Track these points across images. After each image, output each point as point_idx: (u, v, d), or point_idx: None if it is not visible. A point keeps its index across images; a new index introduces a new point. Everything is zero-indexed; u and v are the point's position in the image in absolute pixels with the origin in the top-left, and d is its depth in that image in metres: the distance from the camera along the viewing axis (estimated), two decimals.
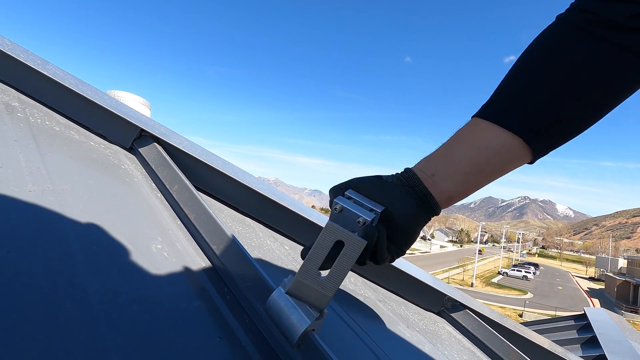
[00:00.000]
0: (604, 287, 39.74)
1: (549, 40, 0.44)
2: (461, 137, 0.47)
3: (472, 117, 0.48)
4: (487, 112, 0.46)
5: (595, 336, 2.01)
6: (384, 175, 0.49)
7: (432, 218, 0.49)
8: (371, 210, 0.44)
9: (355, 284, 0.86)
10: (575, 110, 0.42)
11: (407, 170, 0.49)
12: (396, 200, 0.46)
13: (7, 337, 0.29)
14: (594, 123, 0.45)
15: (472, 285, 33.29)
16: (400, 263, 1.08)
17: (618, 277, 34.52)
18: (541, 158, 0.48)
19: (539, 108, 0.42)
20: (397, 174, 0.49)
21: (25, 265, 0.36)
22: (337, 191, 0.48)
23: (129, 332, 0.36)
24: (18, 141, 0.55)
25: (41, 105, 0.71)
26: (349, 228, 0.42)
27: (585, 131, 0.45)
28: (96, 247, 0.44)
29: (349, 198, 0.45)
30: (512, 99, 0.44)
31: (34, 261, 0.37)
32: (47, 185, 0.50)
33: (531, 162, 0.47)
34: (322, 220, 0.94)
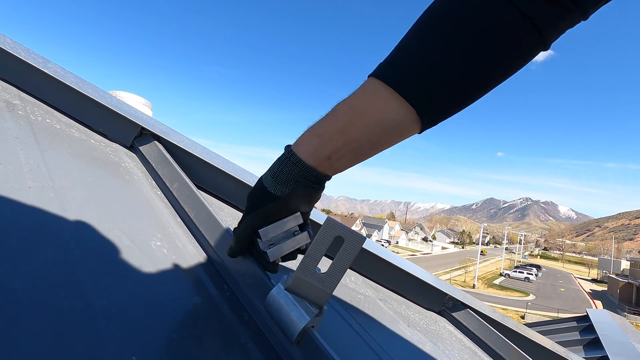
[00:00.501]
0: (606, 288, 39.54)
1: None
2: (359, 109, 0.43)
3: (369, 77, 0.43)
4: (387, 74, 0.41)
5: (598, 337, 1.99)
6: (273, 185, 0.45)
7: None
8: (297, 229, 0.47)
9: (355, 283, 0.86)
10: (473, 79, 0.40)
11: (295, 162, 0.44)
12: (299, 204, 0.46)
13: (6, 331, 0.29)
14: (482, 96, 0.43)
15: (473, 286, 33.18)
16: (401, 262, 1.08)
17: (621, 279, 34.34)
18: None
19: (439, 77, 0.40)
20: (283, 169, 0.44)
21: (24, 260, 0.36)
22: (245, 245, 0.47)
23: (127, 328, 0.36)
24: (18, 138, 0.55)
25: (42, 103, 0.71)
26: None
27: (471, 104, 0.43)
28: (95, 243, 0.44)
29: (270, 240, 0.46)
30: (414, 64, 0.40)
31: (33, 257, 0.37)
32: (47, 182, 0.50)
33: (420, 132, 0.45)
34: (321, 218, 0.94)
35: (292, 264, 0.73)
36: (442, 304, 1.03)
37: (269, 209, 0.45)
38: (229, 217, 0.74)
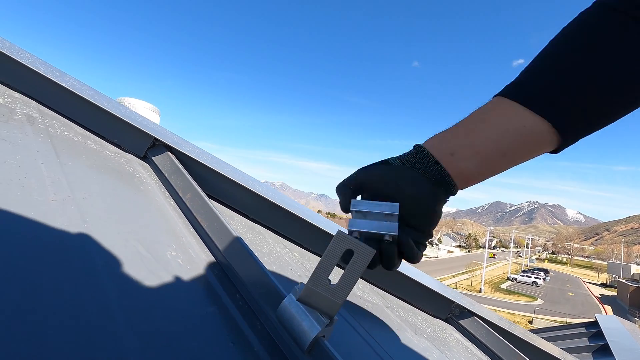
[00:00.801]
0: (616, 293, 38.91)
1: (586, 23, 0.42)
2: (484, 117, 0.44)
3: (494, 97, 0.44)
4: (514, 93, 0.43)
5: (607, 344, 1.97)
6: (392, 159, 0.46)
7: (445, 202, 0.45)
8: (387, 215, 0.43)
9: (363, 291, 0.87)
10: (610, 97, 0.40)
11: (418, 148, 0.45)
12: (410, 185, 0.43)
13: (33, 337, 0.30)
14: (628, 112, 0.42)
15: (480, 291, 32.85)
16: (407, 269, 1.09)
17: (631, 284, 33.76)
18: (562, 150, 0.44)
19: (573, 93, 0.40)
20: (406, 153, 0.46)
21: (50, 270, 0.38)
22: (344, 190, 0.46)
23: (147, 336, 0.37)
24: (40, 152, 0.58)
25: (60, 116, 0.73)
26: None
27: (614, 121, 0.43)
28: (115, 253, 0.46)
29: (360, 212, 0.44)
30: (544, 82, 0.41)
31: (58, 267, 0.39)
32: (68, 194, 0.52)
33: (556, 151, 0.44)
34: (329, 226, 0.95)
35: (305, 277, 0.74)
36: (449, 312, 1.04)
37: (378, 169, 0.45)
38: (240, 226, 0.76)
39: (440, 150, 0.44)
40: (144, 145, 0.78)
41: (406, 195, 0.43)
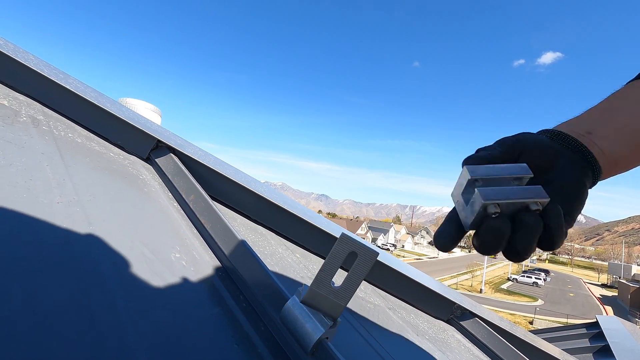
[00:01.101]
0: (617, 294, 38.85)
1: None
2: (623, 95, 0.39)
3: (627, 83, 0.39)
4: None
5: (608, 345, 1.97)
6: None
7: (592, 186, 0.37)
8: (517, 178, 0.34)
9: (365, 292, 0.87)
10: None
11: (546, 130, 0.39)
12: (563, 157, 0.36)
13: (39, 339, 0.31)
14: None
15: (480, 291, 32.82)
16: (409, 271, 1.09)
17: (632, 284, 33.69)
18: None
19: None
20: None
21: (56, 272, 0.38)
22: (495, 145, 0.38)
23: (152, 337, 0.38)
24: (45, 154, 0.58)
25: (64, 118, 0.74)
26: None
27: None
28: (120, 254, 0.46)
29: (480, 179, 0.34)
30: None
31: (64, 269, 0.39)
32: (73, 196, 0.52)
33: None
34: (330, 227, 0.95)
35: (307, 278, 0.74)
36: (451, 313, 1.04)
37: (533, 134, 0.39)
38: (242, 227, 0.77)
39: (574, 131, 0.38)
40: (147, 147, 0.78)
41: (561, 168, 0.36)
